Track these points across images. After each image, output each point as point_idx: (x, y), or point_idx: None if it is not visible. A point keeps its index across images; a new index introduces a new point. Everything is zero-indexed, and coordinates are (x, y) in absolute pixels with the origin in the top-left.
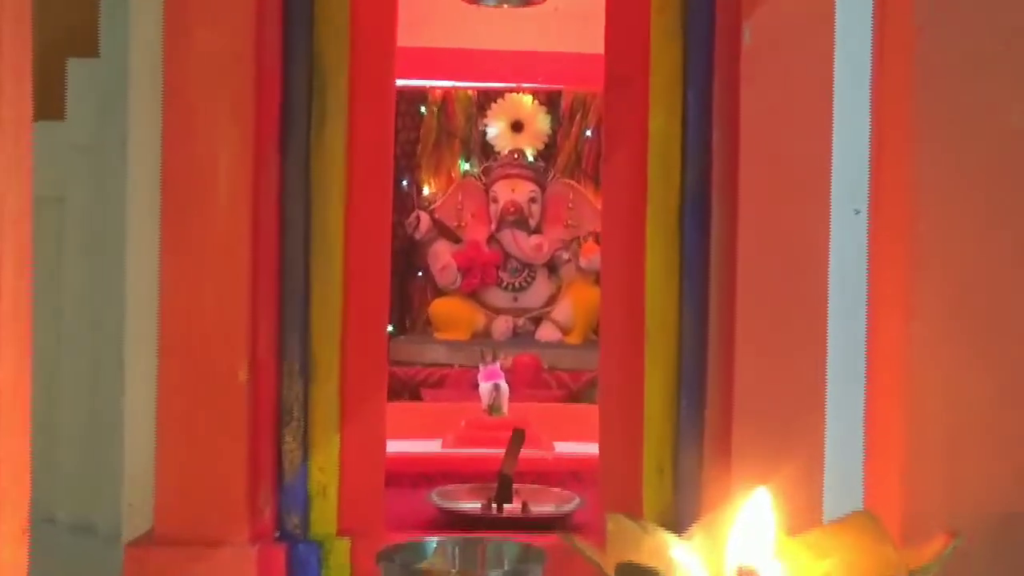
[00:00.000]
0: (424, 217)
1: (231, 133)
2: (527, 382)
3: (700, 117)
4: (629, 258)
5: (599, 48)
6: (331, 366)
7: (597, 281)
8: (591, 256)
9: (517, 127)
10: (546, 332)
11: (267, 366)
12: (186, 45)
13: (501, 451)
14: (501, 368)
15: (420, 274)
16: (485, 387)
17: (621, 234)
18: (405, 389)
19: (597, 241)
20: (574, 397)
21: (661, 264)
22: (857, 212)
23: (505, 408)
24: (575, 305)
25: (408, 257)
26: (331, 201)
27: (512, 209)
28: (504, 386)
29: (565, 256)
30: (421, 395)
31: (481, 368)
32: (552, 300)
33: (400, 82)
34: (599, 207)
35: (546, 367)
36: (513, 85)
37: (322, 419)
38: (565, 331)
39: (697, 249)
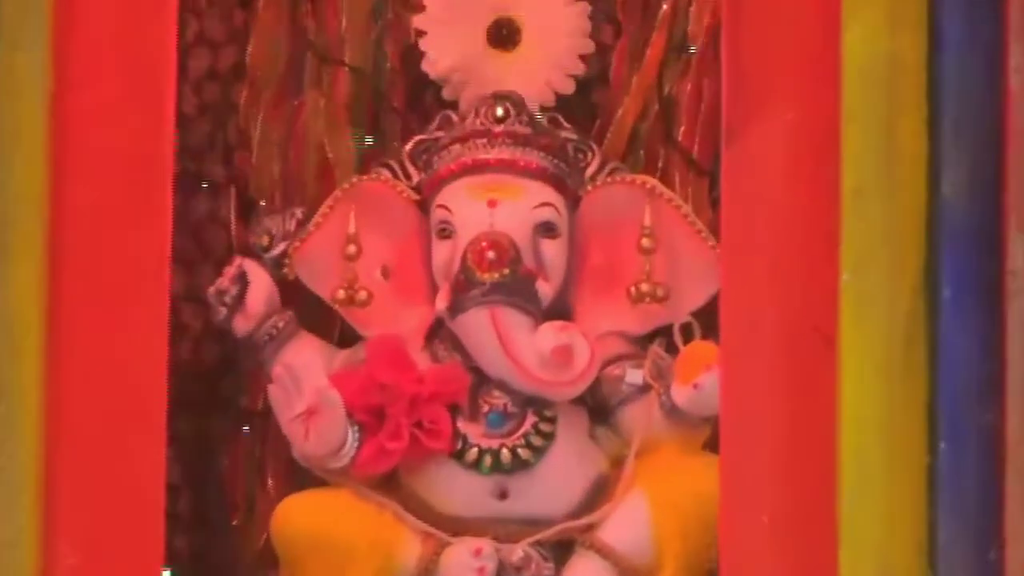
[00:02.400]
0: (259, 276)
1: None
2: None
3: (973, 32)
4: (796, 377)
5: None
6: None
7: (713, 444)
8: (700, 375)
9: (502, 36)
10: None
11: None
12: None
13: None
14: None
15: (246, 429)
16: None
17: (773, 315)
18: None
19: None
20: None
21: (877, 390)
22: None
23: None
24: (658, 508)
25: (213, 380)
26: (18, 235)
27: (493, 254)
28: None
29: (635, 377)
30: None
31: None
32: (598, 495)
33: None
34: (717, 243)
35: None
36: None
37: None
38: (632, 573)
39: (976, 346)
